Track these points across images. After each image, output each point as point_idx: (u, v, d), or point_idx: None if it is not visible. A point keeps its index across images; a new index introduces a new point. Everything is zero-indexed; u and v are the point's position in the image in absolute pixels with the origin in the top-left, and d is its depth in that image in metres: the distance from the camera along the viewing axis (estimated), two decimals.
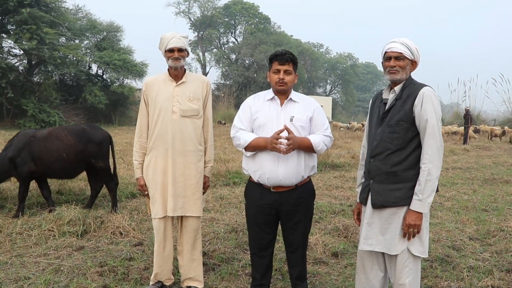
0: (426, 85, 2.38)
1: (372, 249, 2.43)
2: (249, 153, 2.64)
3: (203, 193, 3.09)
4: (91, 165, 5.25)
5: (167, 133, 2.92)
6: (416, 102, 2.32)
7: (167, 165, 2.93)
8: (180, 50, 2.90)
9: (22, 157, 4.96)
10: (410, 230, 2.31)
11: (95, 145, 5.22)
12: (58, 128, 5.32)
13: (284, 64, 2.61)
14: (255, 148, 2.59)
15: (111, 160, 5.48)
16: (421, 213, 2.29)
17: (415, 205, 2.29)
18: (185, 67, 3.04)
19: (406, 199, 2.33)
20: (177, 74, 2.98)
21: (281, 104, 2.66)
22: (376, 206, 2.40)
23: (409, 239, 2.34)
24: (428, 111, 2.28)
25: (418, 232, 2.32)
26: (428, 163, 2.27)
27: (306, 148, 2.58)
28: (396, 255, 2.39)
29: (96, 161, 5.21)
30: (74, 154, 5.08)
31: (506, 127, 22.94)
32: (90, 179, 5.48)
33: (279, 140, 2.46)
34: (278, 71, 2.62)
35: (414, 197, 2.30)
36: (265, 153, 2.59)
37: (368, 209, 2.46)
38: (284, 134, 2.52)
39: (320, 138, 2.62)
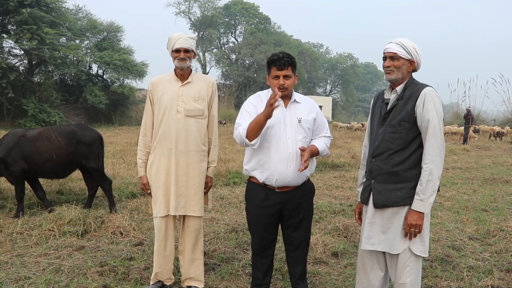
0: (428, 85, 2.39)
1: (374, 249, 2.43)
2: (254, 141, 2.52)
3: (206, 193, 3.10)
4: (82, 165, 5.22)
5: (171, 132, 2.92)
6: (418, 102, 2.32)
7: (170, 164, 2.93)
8: (186, 51, 2.90)
9: (13, 156, 4.91)
10: (411, 230, 2.32)
11: (85, 146, 5.17)
12: (48, 129, 5.27)
13: (283, 70, 2.57)
14: (256, 127, 2.48)
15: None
16: (423, 213, 2.30)
17: (416, 205, 2.30)
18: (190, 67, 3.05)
19: (407, 199, 2.34)
20: (183, 74, 2.99)
21: (286, 106, 2.65)
22: (378, 205, 2.40)
23: (410, 238, 2.35)
24: (430, 111, 2.29)
25: (420, 231, 2.33)
26: (429, 163, 2.27)
27: (314, 156, 2.64)
28: (397, 255, 2.39)
29: (87, 161, 5.18)
30: (64, 155, 5.04)
31: (507, 127, 22.94)
32: (86, 179, 5.45)
33: (275, 100, 2.34)
34: (278, 76, 2.58)
35: (416, 197, 2.31)
36: (274, 155, 2.56)
37: (369, 209, 2.47)
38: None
39: (323, 142, 2.67)
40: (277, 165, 2.56)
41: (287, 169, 2.56)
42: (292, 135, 2.58)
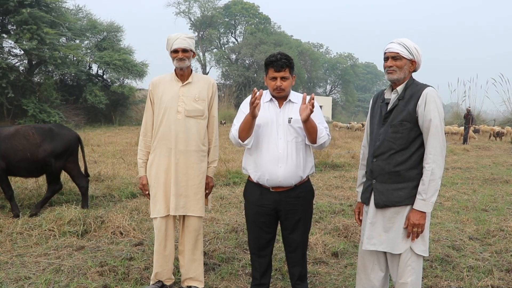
0: (429, 86, 2.40)
1: (376, 249, 2.43)
2: (247, 141, 2.58)
3: (208, 193, 3.10)
4: (54, 165, 5.08)
5: (170, 132, 2.93)
6: (419, 102, 2.33)
7: (170, 164, 2.94)
8: (184, 50, 2.91)
9: None
10: (414, 230, 2.32)
11: (61, 145, 5.09)
12: (25, 127, 5.17)
13: (280, 71, 2.57)
14: (245, 127, 2.54)
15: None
16: (425, 213, 2.31)
17: (419, 205, 2.31)
18: (191, 67, 3.05)
19: (409, 199, 2.35)
20: (183, 74, 2.99)
21: (280, 106, 2.66)
22: (379, 205, 2.40)
23: (413, 239, 2.35)
24: (432, 111, 2.30)
25: (422, 231, 2.34)
26: (431, 163, 2.28)
27: (312, 129, 2.51)
28: (399, 254, 2.40)
29: (59, 162, 5.08)
30: (39, 154, 4.95)
31: (507, 127, 22.92)
32: (73, 179, 5.36)
33: (255, 99, 2.41)
34: (275, 78, 2.59)
35: (418, 196, 2.31)
36: (265, 154, 2.60)
37: (371, 209, 2.47)
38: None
39: (323, 128, 2.62)
40: (268, 165, 2.57)
41: (278, 169, 2.56)
42: (283, 135, 2.58)
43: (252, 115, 2.48)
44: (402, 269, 2.39)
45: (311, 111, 2.42)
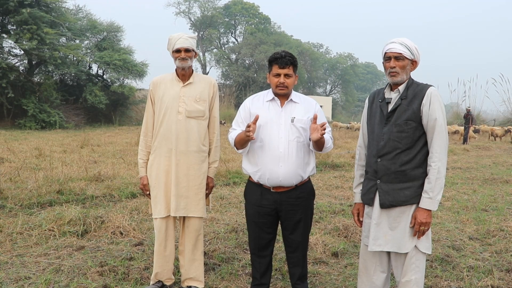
0: (430, 85, 2.40)
1: (382, 249, 2.43)
2: (241, 150, 2.68)
3: (208, 193, 3.10)
4: None
5: (171, 133, 2.92)
6: (424, 101, 2.33)
7: (171, 165, 2.93)
8: (187, 50, 2.90)
9: None
10: (421, 228, 2.33)
11: None
12: None
13: (284, 68, 2.59)
14: (240, 142, 2.63)
15: None
16: (431, 211, 2.32)
17: (425, 203, 2.31)
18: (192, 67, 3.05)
19: (415, 198, 2.35)
20: (184, 74, 2.98)
21: (282, 105, 2.66)
22: (385, 206, 2.40)
23: (419, 237, 2.36)
24: (436, 111, 2.31)
25: (428, 229, 2.35)
26: (437, 161, 2.29)
27: (321, 143, 2.56)
28: (404, 253, 2.40)
29: None
30: None
31: (510, 127, 22.92)
32: None
33: (249, 129, 2.48)
34: (279, 75, 2.61)
35: (424, 195, 2.32)
36: (266, 154, 2.60)
37: (375, 210, 2.45)
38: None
39: (328, 136, 2.65)
40: (269, 164, 2.58)
41: (278, 169, 2.57)
42: (285, 135, 2.59)
43: (246, 140, 2.54)
44: (406, 267, 2.39)
45: (322, 135, 2.47)
